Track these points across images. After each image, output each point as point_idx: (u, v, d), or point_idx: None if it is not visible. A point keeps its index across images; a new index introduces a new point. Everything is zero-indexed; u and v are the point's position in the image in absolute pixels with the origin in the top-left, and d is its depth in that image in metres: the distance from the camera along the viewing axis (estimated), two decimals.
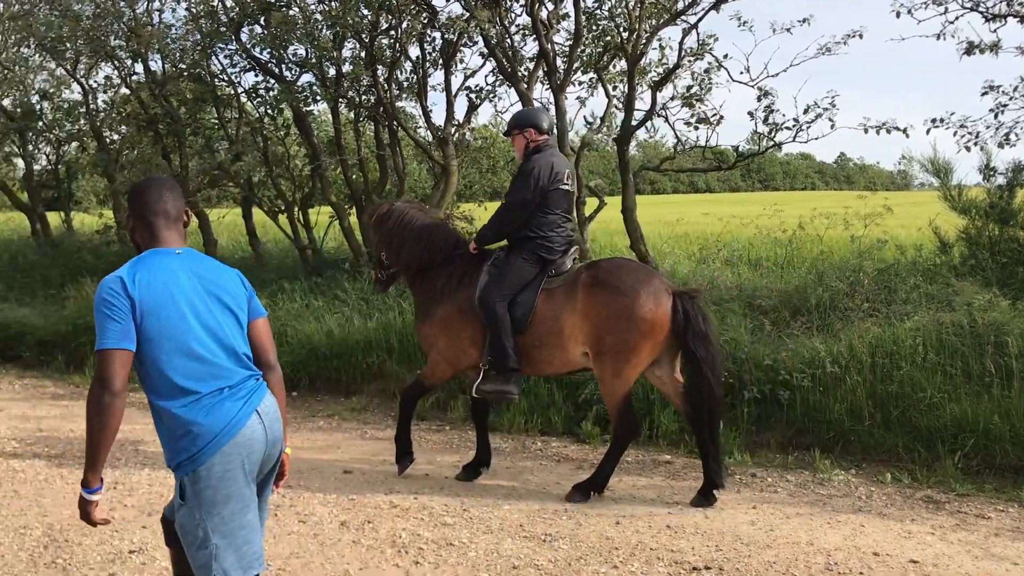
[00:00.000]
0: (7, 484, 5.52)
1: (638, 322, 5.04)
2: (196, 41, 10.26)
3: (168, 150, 10.98)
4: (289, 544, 4.56)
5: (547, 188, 5.37)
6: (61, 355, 9.21)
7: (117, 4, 10.66)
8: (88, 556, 4.43)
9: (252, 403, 2.84)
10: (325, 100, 9.76)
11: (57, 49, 11.47)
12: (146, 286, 2.74)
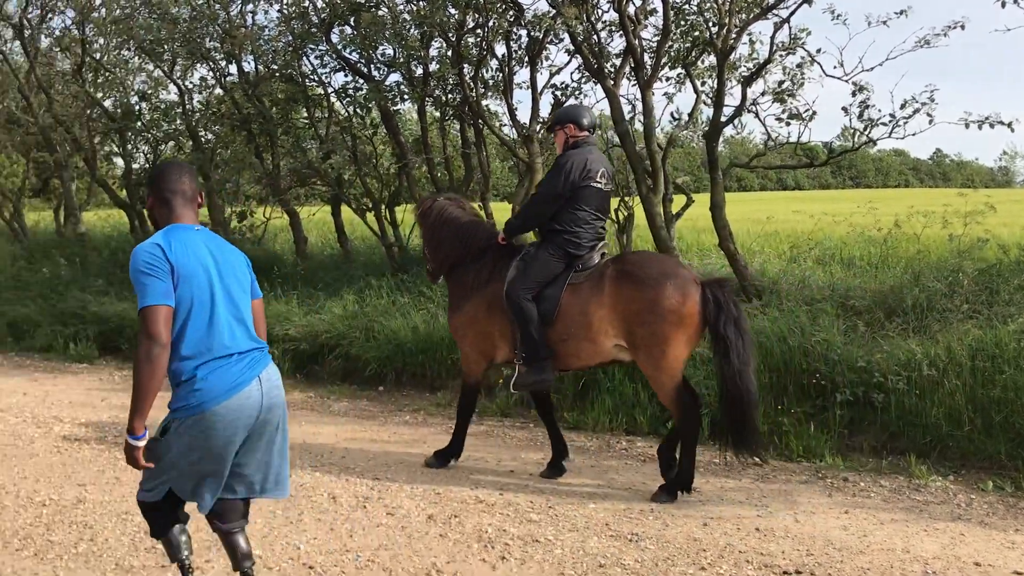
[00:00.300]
0: (109, 471, 5.73)
1: (666, 314, 5.06)
2: (288, 42, 10.50)
3: (260, 149, 11.24)
4: (378, 536, 4.62)
5: (578, 184, 5.42)
6: None
7: (212, 7, 10.96)
8: None
9: (256, 370, 3.21)
10: (412, 99, 9.87)
11: (155, 51, 11.85)
12: (180, 255, 3.09)
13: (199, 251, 3.18)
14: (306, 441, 6.45)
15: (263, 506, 5.06)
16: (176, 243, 3.13)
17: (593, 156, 5.51)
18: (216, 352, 3.12)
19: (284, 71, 10.77)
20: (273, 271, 10.15)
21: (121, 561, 4.35)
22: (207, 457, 3.16)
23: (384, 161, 10.98)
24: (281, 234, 12.37)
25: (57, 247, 12.53)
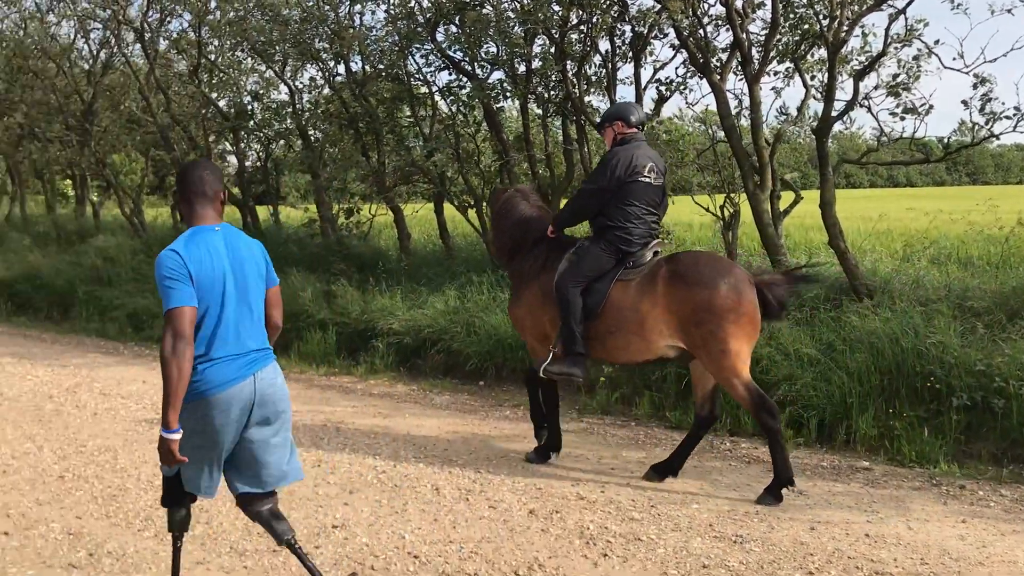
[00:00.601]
0: None
1: (722, 314, 5.05)
2: (394, 42, 10.68)
3: (366, 147, 11.47)
4: (480, 528, 4.67)
5: (624, 179, 5.46)
6: None
7: (322, 8, 11.24)
8: (296, 528, 4.68)
9: (252, 368, 3.45)
10: (515, 96, 9.91)
11: (267, 52, 12.22)
12: (198, 264, 3.31)
13: (217, 256, 3.38)
14: (410, 433, 6.57)
15: (368, 495, 5.18)
16: (195, 251, 3.33)
17: (639, 151, 5.54)
18: (218, 353, 3.37)
19: (390, 70, 10.96)
20: (378, 266, 10.35)
21: (235, 545, 4.51)
22: (206, 443, 3.42)
23: (486, 158, 11.06)
24: (385, 231, 12.60)
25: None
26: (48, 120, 15.78)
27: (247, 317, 3.46)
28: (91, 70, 15.74)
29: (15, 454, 6.02)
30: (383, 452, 6.05)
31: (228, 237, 3.48)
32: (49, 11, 15.22)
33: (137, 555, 4.38)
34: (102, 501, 5.13)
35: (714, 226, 9.63)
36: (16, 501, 5.13)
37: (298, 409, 7.25)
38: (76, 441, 6.32)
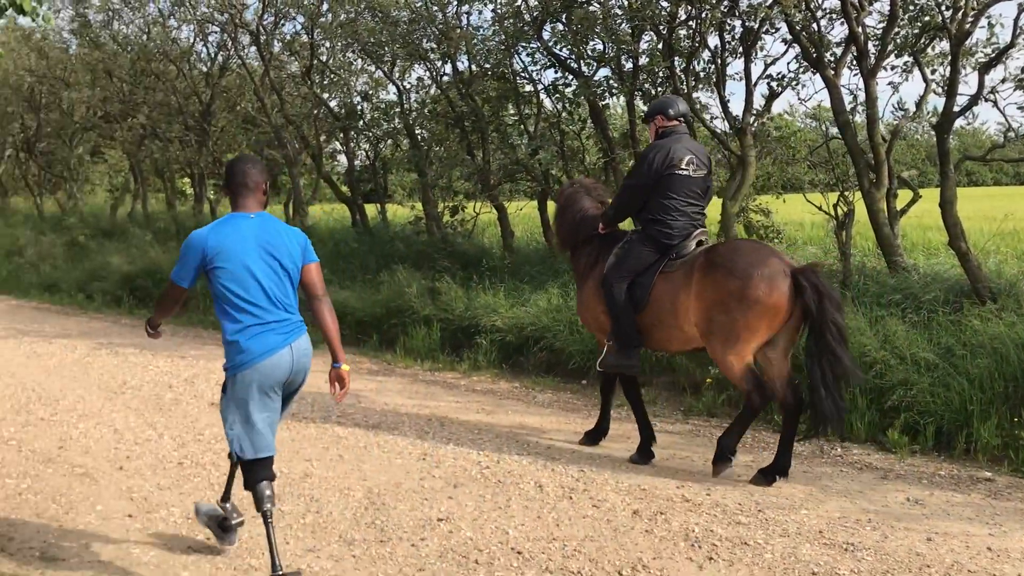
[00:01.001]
0: (332, 449, 6.10)
1: (751, 303, 5.13)
2: (500, 41, 10.75)
3: (472, 146, 11.59)
4: (583, 527, 4.66)
5: (662, 172, 5.55)
6: (376, 334, 10.03)
7: (430, 9, 11.40)
8: (402, 520, 4.79)
9: (289, 338, 3.93)
10: (621, 93, 9.85)
11: (377, 53, 12.47)
12: (223, 239, 3.85)
13: (244, 242, 3.88)
14: (513, 430, 6.60)
15: (472, 490, 5.22)
16: (224, 229, 3.89)
17: (678, 144, 5.62)
18: (256, 319, 3.87)
19: (496, 69, 11.04)
20: (481, 264, 10.44)
21: (344, 534, 4.62)
22: (250, 408, 3.91)
23: (591, 156, 11.02)
24: (489, 228, 12.69)
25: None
26: (169, 121, 16.47)
27: (279, 291, 3.94)
28: (209, 72, 16.36)
29: (137, 440, 6.30)
30: (487, 448, 6.09)
31: (263, 223, 3.97)
32: (170, 16, 15.89)
33: (251, 540, 4.53)
34: (218, 488, 5.31)
35: (827, 225, 9.36)
36: (139, 485, 5.37)
37: (403, 403, 7.39)
38: (194, 429, 6.58)
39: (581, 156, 10.82)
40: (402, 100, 12.77)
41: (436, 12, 11.29)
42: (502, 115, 11.53)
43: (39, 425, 6.69)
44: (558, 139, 10.65)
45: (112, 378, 8.28)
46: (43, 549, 4.44)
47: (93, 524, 4.77)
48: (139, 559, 4.33)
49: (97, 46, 16.74)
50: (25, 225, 18.68)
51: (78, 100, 18.01)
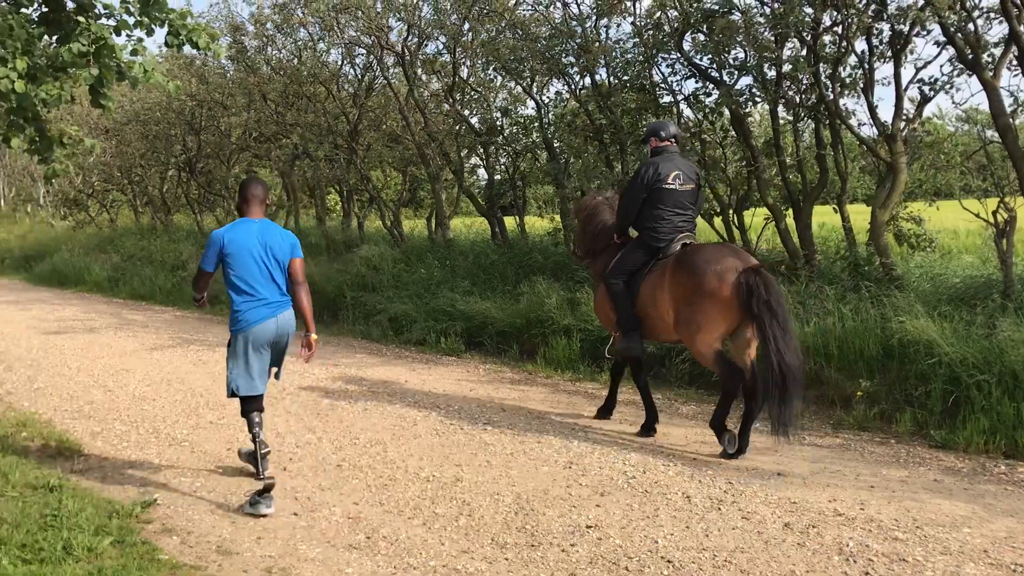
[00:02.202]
0: (481, 455, 6.27)
1: (705, 296, 5.97)
2: (640, 53, 10.79)
3: (611, 158, 11.65)
4: (733, 538, 4.65)
5: (652, 186, 6.50)
6: (516, 345, 10.21)
7: (570, 24, 11.56)
8: (551, 526, 4.90)
9: (275, 311, 5.38)
10: (764, 101, 9.72)
11: (516, 69, 12.71)
12: (234, 238, 5.30)
13: (250, 236, 5.33)
14: (657, 440, 6.62)
15: (619, 499, 5.28)
16: (235, 231, 5.35)
17: (666, 162, 6.56)
18: (254, 297, 5.31)
19: (635, 81, 11.08)
20: None
21: (496, 537, 4.76)
22: (247, 359, 5.36)
23: (733, 166, 10.90)
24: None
25: (429, 251, 13.83)
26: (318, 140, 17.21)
27: (271, 274, 5.36)
28: (356, 93, 17.02)
29: (299, 444, 6.65)
30: (632, 458, 6.14)
31: (263, 226, 5.42)
32: (320, 40, 16.61)
33: (408, 540, 4.73)
34: (375, 489, 5.58)
35: (984, 232, 8.95)
36: (302, 486, 5.69)
37: (546, 412, 7.51)
38: (350, 434, 6.89)
39: (723, 165, 10.71)
40: (541, 114, 12.96)
41: (575, 27, 11.43)
42: (641, 126, 11.53)
43: (208, 428, 7.15)
44: (699, 149, 10.58)
45: (272, 384, 8.71)
46: (218, 543, 4.77)
47: (262, 522, 5.08)
48: (305, 555, 4.59)
49: (252, 71, 17.69)
50: (187, 241, 19.86)
51: (235, 122, 19.06)
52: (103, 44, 4.81)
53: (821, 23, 8.84)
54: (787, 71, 9.45)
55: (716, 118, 10.63)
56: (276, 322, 5.38)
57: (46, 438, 6.78)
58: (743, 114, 10.06)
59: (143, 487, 5.68)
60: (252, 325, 5.31)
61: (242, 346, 5.34)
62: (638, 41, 10.65)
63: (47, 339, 11.67)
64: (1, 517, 4.92)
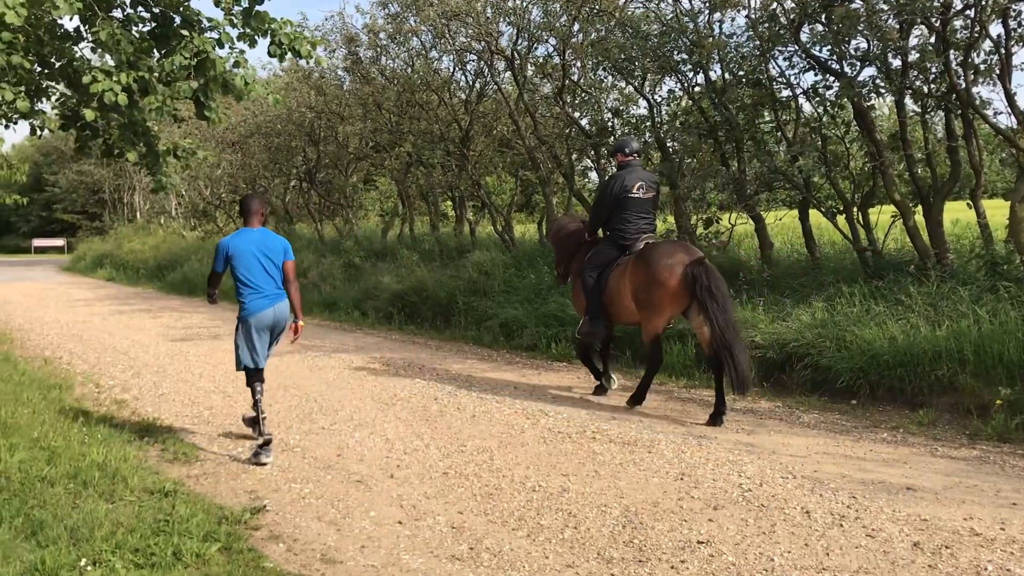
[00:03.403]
0: (589, 465, 6.10)
1: (657, 285, 7.32)
2: (755, 47, 10.41)
3: (726, 156, 11.29)
4: (857, 557, 4.34)
5: (619, 196, 7.81)
6: (628, 350, 9.97)
7: (681, 20, 11.26)
8: (660, 541, 4.69)
9: (272, 302, 6.50)
10: (890, 93, 9.20)
11: (627, 68, 12.48)
12: (236, 245, 6.48)
13: (249, 242, 6.52)
14: (776, 451, 6.30)
15: (734, 513, 5.03)
16: (237, 239, 6.57)
17: (631, 175, 7.86)
18: (255, 291, 6.49)
19: (751, 76, 10.69)
20: (738, 277, 10.12)
21: (602, 551, 4.58)
22: (251, 339, 6.55)
23: (857, 161, 10.38)
24: (745, 240, 12.29)
25: (540, 256, 13.72)
26: (431, 148, 17.39)
27: (269, 273, 6.52)
28: (468, 99, 17.12)
29: (406, 450, 6.63)
30: (747, 470, 5.85)
31: (261, 234, 6.60)
32: (432, 48, 16.78)
33: (512, 553, 4.61)
34: (480, 499, 5.48)
35: None
36: (408, 493, 5.64)
37: (658, 420, 7.28)
38: (457, 440, 6.83)
39: (845, 161, 10.21)
40: (653, 113, 12.68)
41: (687, 23, 11.13)
42: (757, 123, 11.13)
43: (320, 434, 7.21)
44: (819, 144, 10.12)
45: (384, 390, 8.80)
46: (323, 551, 4.76)
47: (367, 529, 5.05)
48: (408, 565, 4.53)
49: (367, 81, 18.01)
50: (308, 249, 20.37)
51: (352, 132, 19.45)
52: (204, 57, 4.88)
53: (951, 7, 8.32)
54: (914, 60, 8.94)
55: (837, 112, 10.14)
56: (274, 311, 6.54)
57: (165, 443, 6.97)
58: (866, 107, 9.56)
59: (254, 493, 5.75)
60: (255, 313, 6.48)
61: (246, 330, 6.52)
62: (753, 35, 10.27)
63: (173, 346, 12.11)
64: (118, 521, 5.05)
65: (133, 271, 26.39)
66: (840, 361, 7.85)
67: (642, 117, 13.35)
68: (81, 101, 5.31)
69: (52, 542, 4.71)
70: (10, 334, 13.58)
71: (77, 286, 24.21)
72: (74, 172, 45.93)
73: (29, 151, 52.29)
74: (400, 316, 14.06)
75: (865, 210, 10.02)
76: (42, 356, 11.33)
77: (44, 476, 5.86)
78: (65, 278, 28.07)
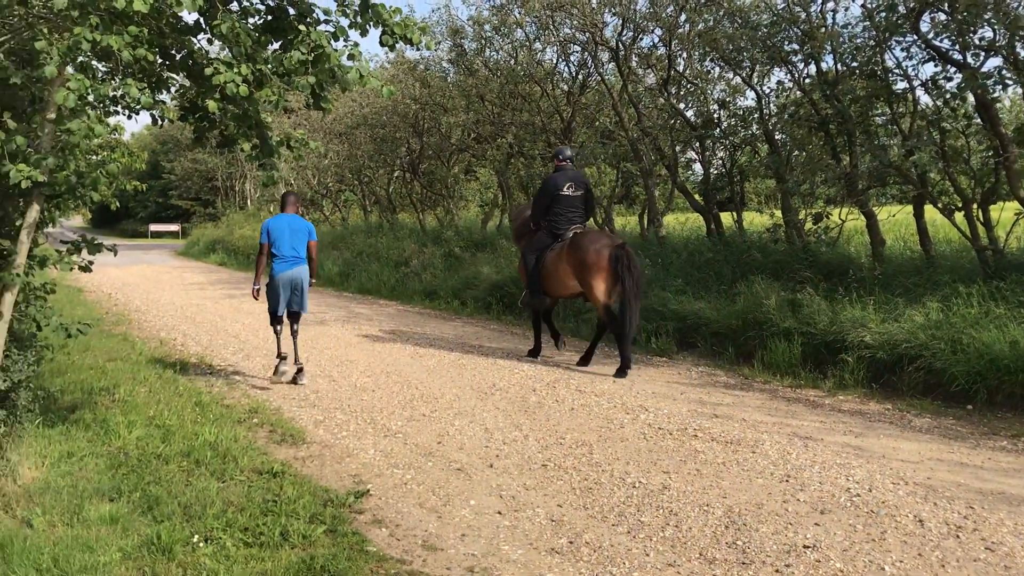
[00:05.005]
0: (691, 463, 6.01)
1: (589, 266, 9.06)
2: (870, 37, 10.05)
3: (837, 149, 10.94)
4: (975, 571, 4.16)
5: (553, 194, 9.61)
6: (731, 347, 9.79)
7: (792, 10, 10.96)
8: (764, 544, 4.58)
9: (291, 266, 8.58)
10: (1018, 84, 8.76)
11: (735, 59, 12.23)
12: (275, 225, 8.66)
13: (283, 222, 8.65)
14: (886, 456, 6.09)
15: (841, 518, 4.88)
16: (277, 220, 8.70)
17: (562, 176, 9.68)
18: (280, 259, 8.55)
19: (865, 67, 10.32)
20: (848, 274, 9.81)
21: (704, 551, 4.51)
22: (277, 293, 8.61)
23: (977, 156, 9.92)
24: (856, 236, 11.90)
25: (641, 248, 13.57)
26: (532, 139, 17.41)
27: (294, 246, 8.61)
28: (570, 90, 17.07)
29: (505, 440, 6.66)
30: (856, 474, 5.67)
31: (292, 218, 8.75)
32: (536, 39, 16.78)
33: (612, 549, 4.57)
34: (580, 492, 5.46)
35: None
36: (507, 484, 5.66)
37: (762, 420, 7.12)
38: (556, 433, 6.82)
39: (965, 156, 9.77)
40: (761, 105, 12.39)
41: (799, 12, 10.83)
42: (871, 115, 10.74)
43: (421, 420, 7.31)
44: (937, 138, 9.70)
45: (483, 379, 8.86)
46: (424, 538, 4.82)
47: (467, 518, 5.09)
48: (508, 556, 4.54)
49: (471, 73, 18.14)
50: (410, 238, 20.68)
51: (454, 124, 19.64)
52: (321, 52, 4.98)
53: None
54: None
55: (958, 104, 9.69)
56: (291, 272, 8.58)
57: (274, 424, 7.18)
58: (990, 99, 9.12)
59: (357, 477, 5.87)
60: (277, 274, 8.58)
61: (273, 286, 8.64)
62: (869, 24, 9.91)
63: None
64: (229, 500, 5.22)
65: (244, 256, 27.23)
66: (955, 364, 7.53)
67: (749, 108, 13.08)
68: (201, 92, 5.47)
69: (167, 518, 4.90)
70: (128, 315, 14.21)
71: (190, 270, 25.16)
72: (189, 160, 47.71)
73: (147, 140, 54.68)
74: (498, 306, 14.13)
75: (986, 207, 9.57)
76: (158, 337, 11.82)
77: (159, 453, 6.12)
78: (179, 262, 29.21)
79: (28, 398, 5.80)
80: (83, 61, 4.94)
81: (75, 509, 5.00)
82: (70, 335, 6.08)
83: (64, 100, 4.55)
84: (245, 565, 4.35)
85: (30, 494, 5.20)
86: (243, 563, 4.37)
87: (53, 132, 5.19)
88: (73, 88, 4.53)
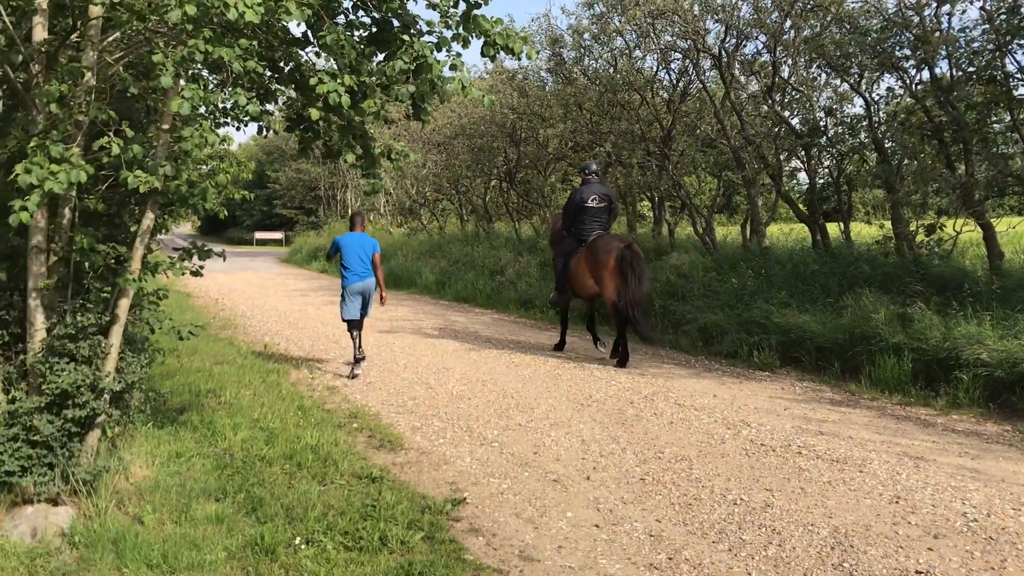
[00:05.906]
0: (794, 480, 5.82)
1: (602, 267, 10.13)
2: (990, 40, 9.62)
3: (952, 159, 10.49)
4: None
5: (580, 206, 10.66)
6: (837, 362, 9.47)
7: (904, 14, 10.58)
8: (873, 566, 4.39)
9: (361, 278, 9.69)
10: None
11: (843, 65, 11.87)
12: (346, 241, 9.77)
13: (353, 240, 9.73)
14: (1005, 479, 5.77)
15: (957, 544, 4.64)
16: (347, 237, 9.82)
17: (587, 189, 10.72)
18: (351, 271, 9.65)
19: (983, 72, 9.88)
20: (962, 289, 9.38)
21: (809, 572, 4.35)
22: (349, 302, 9.72)
23: None
24: (971, 249, 11.39)
25: (743, 260, 13.28)
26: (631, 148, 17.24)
27: (363, 260, 9.65)
28: (671, 98, 16.85)
29: (603, 453, 6.58)
30: (972, 498, 5.39)
31: (360, 236, 9.79)
32: (636, 47, 16.63)
33: (712, 566, 4.45)
34: (679, 508, 5.35)
35: None
36: (604, 497, 5.59)
37: (870, 438, 6.86)
38: (654, 447, 6.71)
39: None
40: (870, 113, 11.98)
41: (912, 16, 10.44)
42: (989, 122, 10.26)
43: (517, 430, 7.29)
44: None
45: (579, 390, 8.79)
46: (521, 548, 4.78)
47: (564, 530, 5.04)
48: (605, 569, 4.47)
49: (569, 82, 18.10)
50: (505, 247, 20.75)
51: (552, 133, 19.63)
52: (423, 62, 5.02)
53: None
54: None
55: None
56: (361, 284, 9.63)
57: (373, 430, 7.27)
58: None
59: (454, 484, 5.88)
60: (348, 285, 9.62)
61: (346, 295, 9.65)
62: (988, 28, 9.48)
63: (379, 337, 12.64)
64: (329, 503, 5.30)
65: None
66: None
67: (858, 116, 12.67)
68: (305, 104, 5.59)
69: (270, 519, 5.00)
70: (234, 320, 14.65)
71: (293, 277, 25.82)
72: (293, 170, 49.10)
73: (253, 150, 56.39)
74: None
75: None
76: (262, 341, 12.14)
77: (263, 456, 6.26)
78: (282, 269, 30.02)
79: (140, 399, 6.01)
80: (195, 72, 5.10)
81: (183, 508, 5.15)
82: (181, 338, 6.28)
83: (179, 108, 4.70)
84: (345, 568, 4.40)
85: (141, 492, 5.38)
86: (343, 566, 4.41)
87: (168, 141, 5.37)
88: (187, 97, 4.68)
